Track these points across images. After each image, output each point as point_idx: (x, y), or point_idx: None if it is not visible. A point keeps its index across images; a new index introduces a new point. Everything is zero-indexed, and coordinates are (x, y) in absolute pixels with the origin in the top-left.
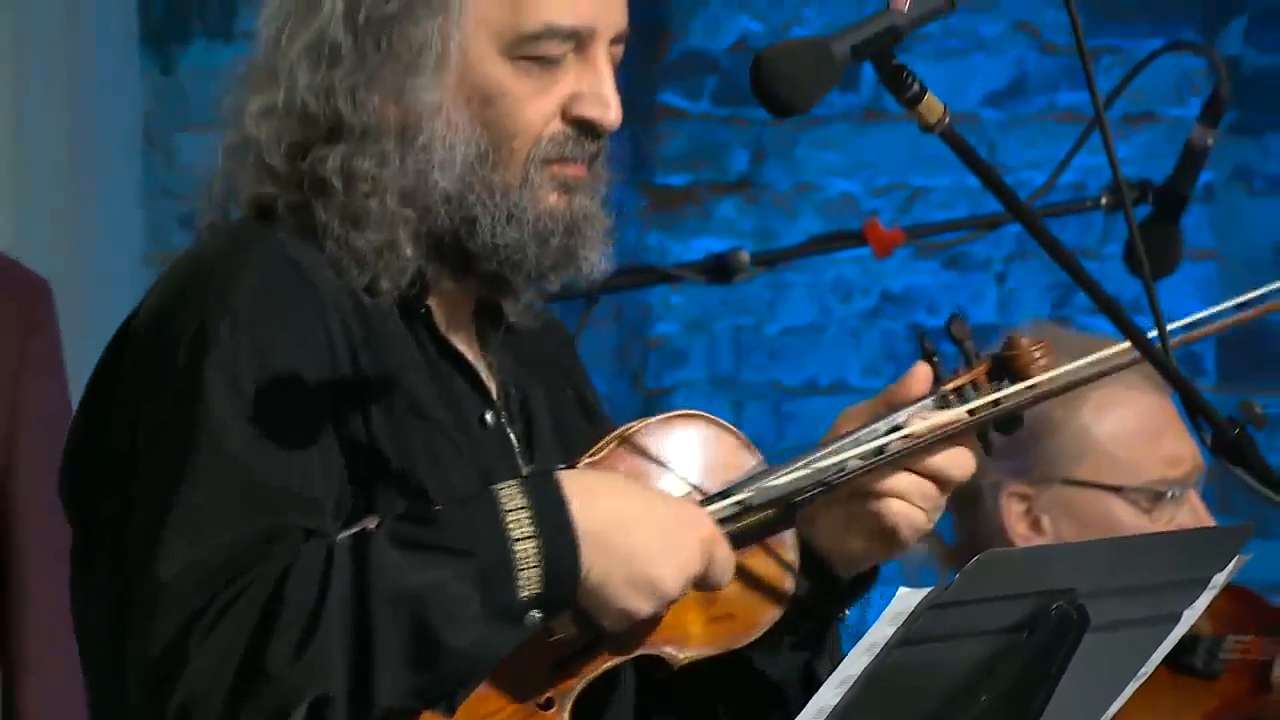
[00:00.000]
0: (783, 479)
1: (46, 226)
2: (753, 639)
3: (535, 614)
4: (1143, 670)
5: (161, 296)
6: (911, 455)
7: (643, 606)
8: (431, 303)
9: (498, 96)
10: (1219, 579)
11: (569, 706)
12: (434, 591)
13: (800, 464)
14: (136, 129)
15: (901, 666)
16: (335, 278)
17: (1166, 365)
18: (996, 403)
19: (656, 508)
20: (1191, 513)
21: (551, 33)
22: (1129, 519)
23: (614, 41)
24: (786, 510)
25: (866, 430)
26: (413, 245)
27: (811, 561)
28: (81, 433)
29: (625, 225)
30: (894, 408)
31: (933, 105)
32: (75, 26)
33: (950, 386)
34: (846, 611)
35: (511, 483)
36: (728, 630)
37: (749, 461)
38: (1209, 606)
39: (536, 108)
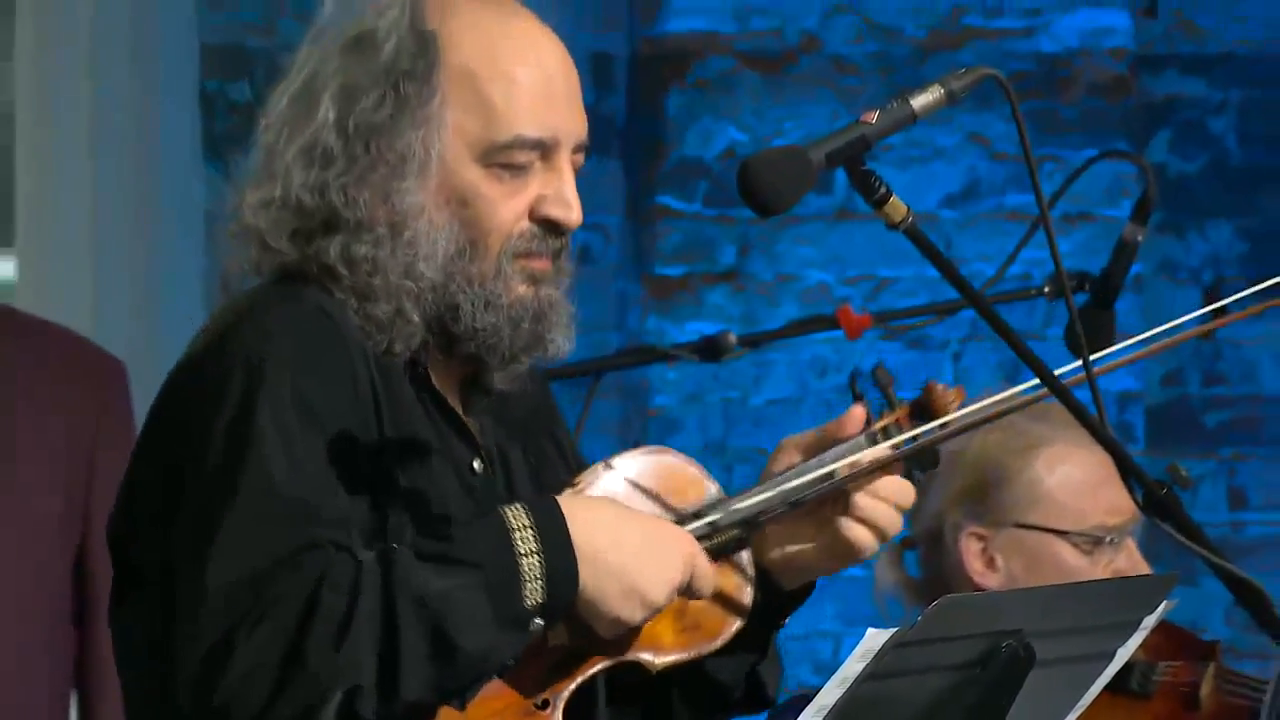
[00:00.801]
0: (749, 502)
1: (121, 312)
2: (718, 646)
3: (538, 621)
4: (1081, 702)
5: (204, 345)
6: (855, 482)
7: (635, 615)
8: (430, 368)
9: (473, 199)
10: (1149, 621)
11: (562, 706)
12: (450, 598)
13: (760, 490)
14: (199, 225)
15: (870, 699)
16: (361, 335)
17: (1103, 433)
18: (915, 438)
19: (645, 528)
20: (1128, 557)
21: (520, 143)
22: (1073, 560)
23: (575, 150)
24: (749, 530)
25: (815, 461)
26: (418, 314)
27: (759, 575)
28: (132, 479)
29: (628, 311)
30: (833, 441)
31: (897, 206)
32: (146, 138)
33: (878, 426)
34: (785, 621)
35: (517, 505)
36: (696, 639)
37: (709, 488)
38: (1147, 638)
39: (508, 208)
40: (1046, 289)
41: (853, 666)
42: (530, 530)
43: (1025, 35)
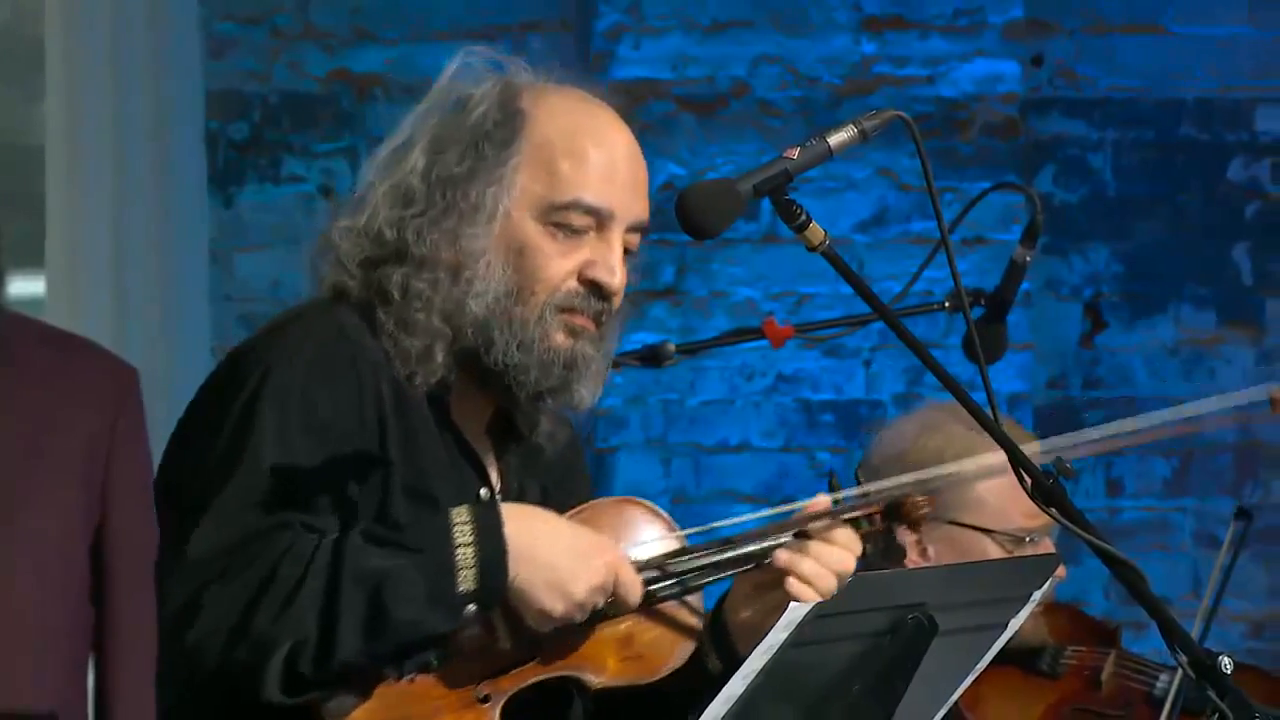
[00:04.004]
0: (695, 560)
1: (137, 326)
2: (655, 679)
3: (472, 606)
4: (979, 665)
5: (240, 348)
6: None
7: (557, 607)
8: (452, 401)
9: (529, 250)
10: (1037, 595)
11: (501, 704)
12: (389, 574)
13: (714, 549)
14: (204, 250)
15: (793, 663)
16: (382, 360)
17: (996, 430)
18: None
19: (574, 533)
20: None
21: (577, 206)
22: (996, 555)
23: (630, 230)
24: (699, 577)
25: (771, 537)
26: (444, 355)
27: (726, 648)
28: (165, 462)
29: None
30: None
31: (815, 231)
32: (160, 172)
33: (847, 516)
34: None
35: (464, 505)
36: (636, 668)
37: (672, 542)
38: (1055, 623)
39: (558, 265)
40: (947, 303)
41: (777, 635)
42: (469, 525)
43: (928, 82)
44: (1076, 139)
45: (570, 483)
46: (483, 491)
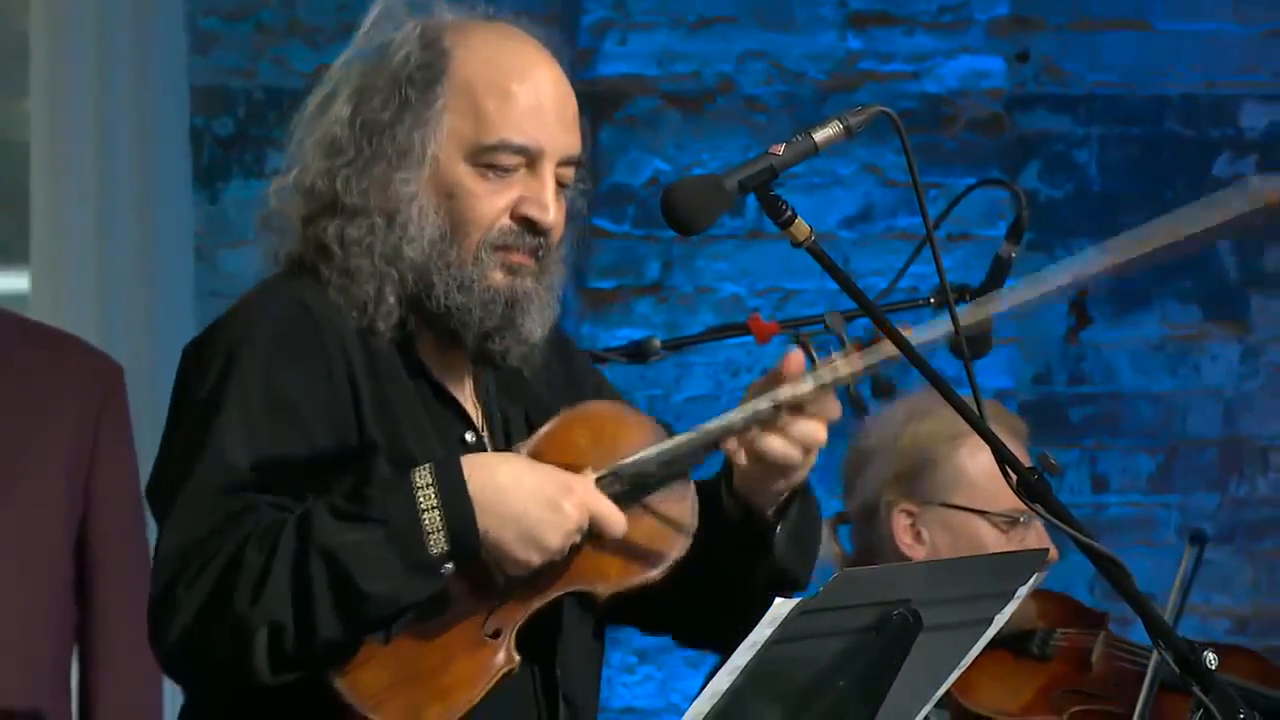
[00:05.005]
0: (670, 444)
1: (122, 322)
2: (660, 572)
3: (449, 566)
4: (963, 662)
5: (202, 334)
6: (780, 416)
7: (533, 557)
8: (421, 348)
9: (460, 192)
10: (1022, 591)
11: (513, 635)
12: (356, 549)
13: (688, 434)
14: (189, 246)
15: (778, 659)
16: (343, 320)
17: (983, 426)
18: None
19: (541, 478)
20: (1037, 536)
21: (505, 146)
22: (990, 536)
23: (563, 163)
24: (680, 469)
25: (751, 403)
26: (395, 296)
27: (741, 503)
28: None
29: (565, 319)
30: (779, 383)
31: (801, 227)
32: (144, 169)
33: (826, 366)
34: (779, 529)
35: (425, 465)
36: (637, 568)
37: (653, 436)
38: (1044, 608)
39: (489, 204)
40: (932, 299)
41: (761, 631)
42: (432, 488)
43: (913, 78)
44: (1062, 135)
45: (561, 392)
46: (468, 435)
